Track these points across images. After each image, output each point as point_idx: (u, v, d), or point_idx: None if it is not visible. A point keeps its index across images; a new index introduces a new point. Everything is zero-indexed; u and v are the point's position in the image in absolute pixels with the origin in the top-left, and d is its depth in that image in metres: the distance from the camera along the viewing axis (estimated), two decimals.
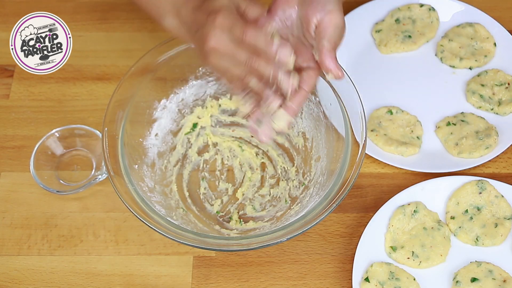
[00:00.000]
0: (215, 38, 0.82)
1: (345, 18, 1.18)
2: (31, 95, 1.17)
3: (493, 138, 1.08)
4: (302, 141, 1.09)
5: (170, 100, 1.07)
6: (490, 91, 1.14)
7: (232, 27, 0.82)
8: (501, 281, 0.97)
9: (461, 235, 1.02)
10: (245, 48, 0.83)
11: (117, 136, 0.98)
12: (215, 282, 1.01)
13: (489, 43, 1.19)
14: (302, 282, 1.01)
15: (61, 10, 1.25)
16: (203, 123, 1.11)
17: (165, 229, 0.92)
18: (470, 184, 1.04)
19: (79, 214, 1.06)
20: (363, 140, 0.95)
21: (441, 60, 1.19)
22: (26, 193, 1.08)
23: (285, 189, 1.07)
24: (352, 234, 1.04)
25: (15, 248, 1.04)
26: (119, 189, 0.94)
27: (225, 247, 0.91)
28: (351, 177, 0.93)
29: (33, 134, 1.13)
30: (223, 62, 0.84)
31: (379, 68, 1.19)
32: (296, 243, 1.03)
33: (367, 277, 0.97)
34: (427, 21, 1.21)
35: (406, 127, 1.12)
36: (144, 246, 1.03)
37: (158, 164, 1.06)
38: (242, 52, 0.83)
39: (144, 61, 1.03)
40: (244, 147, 1.11)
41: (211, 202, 1.07)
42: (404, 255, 1.00)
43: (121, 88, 1.01)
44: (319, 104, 1.04)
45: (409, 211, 1.02)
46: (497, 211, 1.03)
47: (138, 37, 1.23)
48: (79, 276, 1.01)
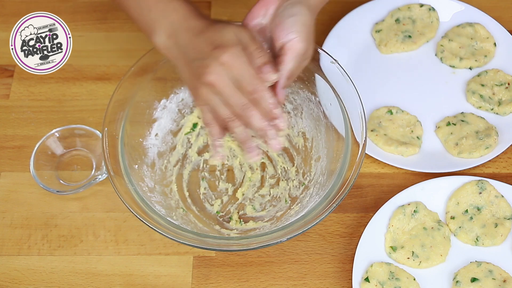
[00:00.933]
0: (217, 74, 0.81)
1: (345, 18, 1.21)
2: (31, 95, 1.17)
3: (493, 138, 1.08)
4: (302, 141, 1.09)
5: (170, 100, 1.07)
6: (490, 91, 1.14)
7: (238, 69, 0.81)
8: (501, 281, 0.97)
9: (461, 235, 1.02)
10: (244, 94, 0.82)
11: (117, 136, 0.98)
12: (215, 282, 1.01)
13: (489, 43, 1.19)
14: (302, 282, 1.01)
15: (61, 10, 1.25)
16: (203, 123, 1.11)
17: (165, 229, 0.92)
18: (470, 184, 1.04)
19: (79, 214, 1.06)
20: (363, 140, 0.95)
21: (441, 60, 1.19)
22: (26, 193, 1.08)
23: (285, 189, 1.07)
24: (352, 234, 1.04)
25: (15, 248, 1.04)
26: (119, 189, 0.94)
27: (225, 247, 0.91)
28: (351, 177, 0.93)
29: (33, 134, 1.13)
30: (214, 100, 0.83)
31: (379, 68, 1.19)
32: (296, 243, 1.03)
33: (367, 277, 0.97)
34: (427, 21, 1.21)
35: (406, 127, 1.12)
36: (144, 246, 1.03)
37: (158, 164, 1.06)
38: (241, 97, 0.82)
39: (144, 61, 1.03)
40: None
41: (211, 202, 1.07)
42: (404, 255, 1.00)
43: (121, 88, 1.01)
44: (319, 104, 1.04)
45: (409, 211, 1.02)
46: (497, 211, 1.03)
47: (138, 37, 1.23)
48: (79, 276, 1.01)
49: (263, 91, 0.82)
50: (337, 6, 1.07)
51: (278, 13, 0.88)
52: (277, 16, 0.88)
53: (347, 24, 1.21)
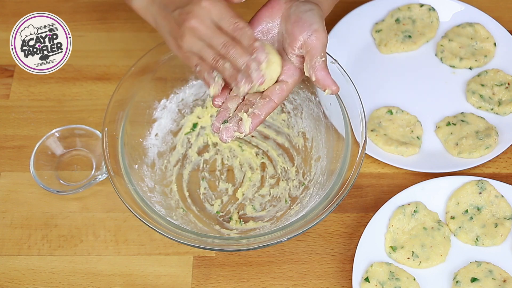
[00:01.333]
0: (198, 18, 0.84)
1: (345, 18, 1.21)
2: (31, 95, 1.17)
3: (493, 138, 1.08)
4: (302, 141, 1.09)
5: (170, 100, 1.07)
6: (490, 91, 1.14)
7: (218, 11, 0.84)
8: (501, 281, 0.97)
9: (461, 235, 1.02)
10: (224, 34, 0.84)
11: (117, 136, 0.98)
12: (215, 282, 1.01)
13: (489, 43, 1.19)
14: (302, 282, 1.01)
15: (61, 10, 1.25)
16: (203, 123, 1.11)
17: (165, 229, 0.92)
18: (470, 184, 1.04)
19: (79, 214, 1.06)
20: (363, 140, 0.95)
21: (441, 60, 1.19)
22: (26, 193, 1.08)
23: (285, 189, 1.07)
24: (352, 234, 1.04)
25: (15, 248, 1.04)
26: (119, 189, 0.94)
27: (225, 247, 0.91)
28: (351, 177, 0.93)
29: (33, 134, 1.13)
30: (198, 44, 0.85)
31: (379, 68, 1.19)
32: (296, 243, 1.03)
33: (367, 277, 0.97)
34: (427, 21, 1.21)
35: (406, 127, 1.12)
36: (144, 246, 1.03)
37: (158, 164, 1.06)
38: (222, 36, 0.84)
39: (144, 61, 1.03)
40: (244, 147, 1.11)
41: (211, 202, 1.07)
42: (404, 255, 1.00)
43: (121, 88, 1.01)
44: (319, 104, 1.04)
45: (409, 211, 1.02)
46: (497, 211, 1.03)
47: (138, 37, 1.23)
48: (79, 276, 1.01)
49: (243, 28, 0.84)
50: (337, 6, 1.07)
51: (290, 12, 0.89)
52: (292, 15, 0.89)
53: (347, 24, 1.21)
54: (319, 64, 0.86)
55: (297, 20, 0.88)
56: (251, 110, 0.88)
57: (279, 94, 0.88)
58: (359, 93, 0.98)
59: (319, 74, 0.86)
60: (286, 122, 1.11)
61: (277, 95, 0.88)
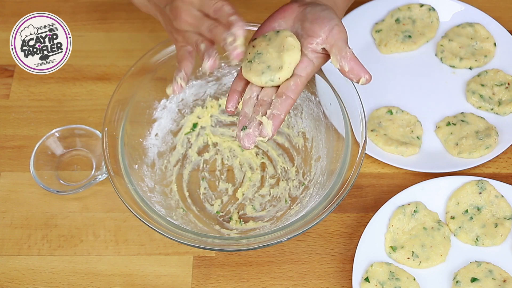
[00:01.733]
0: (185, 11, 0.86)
1: (345, 18, 1.21)
2: (31, 95, 1.17)
3: (493, 138, 1.08)
4: (302, 141, 1.09)
5: (170, 100, 1.07)
6: (490, 91, 1.14)
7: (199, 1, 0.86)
8: (501, 281, 0.97)
9: (461, 235, 1.02)
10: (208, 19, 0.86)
11: (117, 136, 0.98)
12: (215, 282, 1.01)
13: (489, 43, 1.19)
14: (302, 282, 1.01)
15: (61, 10, 1.25)
16: (203, 123, 1.11)
17: (165, 229, 0.92)
18: (470, 184, 1.04)
19: (79, 214, 1.06)
20: (363, 140, 0.95)
21: (441, 60, 1.19)
22: (26, 193, 1.08)
23: (285, 189, 1.07)
24: (352, 234, 1.04)
25: (15, 248, 1.04)
26: (119, 189, 0.94)
27: (225, 247, 0.91)
28: (351, 177, 0.93)
29: (33, 134, 1.13)
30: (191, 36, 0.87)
31: (379, 68, 1.19)
32: (296, 243, 1.03)
33: (367, 277, 0.97)
34: (427, 21, 1.21)
35: (406, 127, 1.12)
36: (144, 246, 1.03)
37: (158, 164, 1.06)
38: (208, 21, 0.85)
39: (144, 61, 1.03)
40: None
41: (211, 202, 1.07)
42: (404, 255, 1.00)
43: (121, 88, 1.01)
44: (319, 104, 1.04)
45: (409, 211, 1.02)
46: (497, 211, 1.03)
47: (138, 37, 1.23)
48: (79, 276, 1.01)
49: (222, 7, 0.85)
50: None
51: (306, 12, 0.90)
52: (308, 14, 0.90)
53: (347, 24, 1.18)
54: (350, 54, 0.87)
55: (316, 18, 0.89)
56: (269, 111, 0.87)
57: (294, 90, 0.88)
58: (359, 93, 0.98)
59: (352, 63, 0.87)
60: (286, 122, 1.11)
61: (292, 90, 0.88)
